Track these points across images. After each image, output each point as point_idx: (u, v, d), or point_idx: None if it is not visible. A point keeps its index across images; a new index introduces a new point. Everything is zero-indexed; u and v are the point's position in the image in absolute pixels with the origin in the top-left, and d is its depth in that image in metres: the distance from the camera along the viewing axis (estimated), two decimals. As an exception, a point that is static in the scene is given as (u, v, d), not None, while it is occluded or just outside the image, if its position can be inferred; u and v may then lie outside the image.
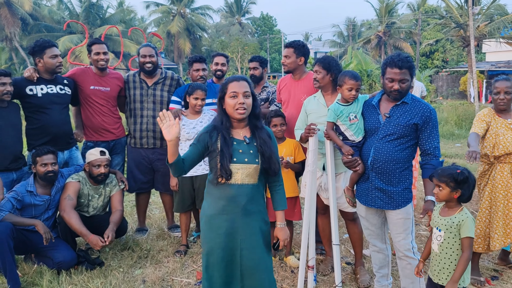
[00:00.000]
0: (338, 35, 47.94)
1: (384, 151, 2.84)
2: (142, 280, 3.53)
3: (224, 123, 2.46)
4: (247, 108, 2.42)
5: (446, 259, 2.47)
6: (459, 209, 2.48)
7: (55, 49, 3.92)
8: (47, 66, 3.88)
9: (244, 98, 2.41)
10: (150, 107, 4.35)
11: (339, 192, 3.39)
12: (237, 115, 2.41)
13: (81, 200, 3.86)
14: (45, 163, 3.60)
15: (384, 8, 37.31)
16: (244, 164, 2.41)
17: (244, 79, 2.49)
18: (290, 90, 3.93)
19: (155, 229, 4.77)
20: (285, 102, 3.98)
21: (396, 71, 2.74)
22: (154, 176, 4.50)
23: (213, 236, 2.45)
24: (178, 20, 37.99)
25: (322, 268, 3.69)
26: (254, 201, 2.47)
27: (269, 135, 2.55)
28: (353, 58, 22.02)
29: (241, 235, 2.44)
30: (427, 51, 35.23)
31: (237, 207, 2.42)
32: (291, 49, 3.84)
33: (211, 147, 2.42)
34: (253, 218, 2.47)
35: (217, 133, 2.45)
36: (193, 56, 4.45)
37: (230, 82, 2.46)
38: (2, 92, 3.54)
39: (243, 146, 2.45)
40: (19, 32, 32.05)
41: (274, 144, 2.58)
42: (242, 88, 2.41)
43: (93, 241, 3.54)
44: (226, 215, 2.43)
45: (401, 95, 2.80)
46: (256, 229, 2.48)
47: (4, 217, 3.34)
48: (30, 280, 3.48)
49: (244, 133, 2.50)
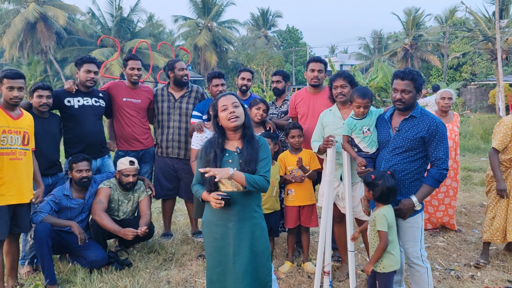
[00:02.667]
0: (364, 48, 47.79)
1: (394, 163, 3.01)
2: (167, 281, 3.75)
3: (218, 138, 2.68)
4: (239, 116, 2.63)
5: (371, 246, 2.99)
6: (380, 207, 2.91)
7: (92, 65, 4.21)
8: (80, 78, 4.20)
9: (234, 107, 2.62)
10: (176, 119, 4.62)
11: (355, 201, 3.54)
12: (231, 124, 2.62)
13: (112, 205, 4.14)
14: (80, 169, 3.90)
15: (411, 20, 37.04)
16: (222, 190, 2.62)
17: (231, 93, 2.74)
18: (309, 104, 4.10)
19: (180, 234, 5.01)
20: (304, 115, 4.15)
21: (399, 81, 2.94)
22: (179, 184, 4.75)
23: (211, 240, 2.67)
24: (205, 34, 38.74)
25: (338, 275, 3.83)
26: (246, 207, 2.65)
27: (258, 146, 2.70)
28: (379, 71, 21.99)
29: (234, 240, 2.62)
30: (455, 64, 34.71)
31: (229, 213, 2.62)
32: (323, 65, 4.12)
33: (207, 159, 2.64)
34: (246, 224, 2.64)
35: (211, 148, 2.67)
36: (212, 72, 4.68)
37: (219, 99, 2.70)
38: (38, 104, 3.83)
39: (234, 157, 2.65)
40: (54, 45, 33.35)
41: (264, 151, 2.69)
42: (230, 100, 2.65)
43: (127, 232, 3.81)
44: (221, 221, 2.64)
45: (405, 105, 2.96)
46: (248, 235, 2.64)
47: (44, 218, 3.65)
48: (65, 278, 3.76)
49: (238, 144, 2.70)
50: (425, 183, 2.96)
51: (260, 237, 2.70)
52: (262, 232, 2.72)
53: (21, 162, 3.39)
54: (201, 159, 2.70)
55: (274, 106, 4.94)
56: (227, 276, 2.64)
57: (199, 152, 2.74)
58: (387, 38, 46.84)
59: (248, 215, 2.67)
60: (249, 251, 2.63)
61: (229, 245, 2.63)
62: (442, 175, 2.92)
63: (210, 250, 2.70)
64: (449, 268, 4.03)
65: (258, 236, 2.69)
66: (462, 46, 33.43)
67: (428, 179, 2.95)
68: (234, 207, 2.62)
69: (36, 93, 3.81)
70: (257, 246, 2.67)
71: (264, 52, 36.37)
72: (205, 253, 2.77)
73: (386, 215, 2.87)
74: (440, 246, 4.62)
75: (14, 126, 3.36)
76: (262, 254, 2.70)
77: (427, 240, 4.77)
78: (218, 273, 2.66)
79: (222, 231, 2.64)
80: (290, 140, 3.94)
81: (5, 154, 3.29)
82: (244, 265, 2.61)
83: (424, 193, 2.94)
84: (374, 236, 2.95)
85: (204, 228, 2.76)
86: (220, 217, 2.65)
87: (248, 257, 2.63)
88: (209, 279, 2.72)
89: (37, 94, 3.81)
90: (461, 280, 3.80)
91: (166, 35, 46.42)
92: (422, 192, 2.93)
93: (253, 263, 2.65)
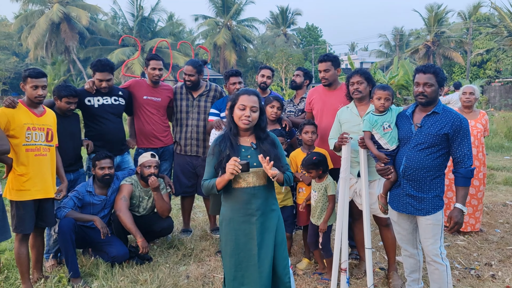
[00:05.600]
0: (385, 45, 47.23)
1: (415, 160, 2.98)
2: (186, 276, 3.82)
3: (232, 130, 2.69)
4: (251, 121, 2.63)
5: (319, 208, 3.66)
6: (325, 177, 3.70)
7: (104, 74, 4.20)
8: (96, 84, 4.26)
9: (250, 111, 2.62)
10: (194, 117, 4.67)
11: (373, 198, 3.54)
12: (241, 125, 2.64)
13: (133, 201, 4.23)
14: (103, 166, 4.00)
15: (433, 17, 36.46)
16: (254, 168, 2.63)
17: (255, 93, 2.69)
18: (325, 100, 4.08)
19: (199, 231, 5.08)
20: (319, 112, 4.10)
21: (421, 75, 2.94)
22: (197, 181, 4.82)
23: (232, 238, 2.65)
24: (225, 32, 38.93)
25: (355, 272, 3.82)
26: (268, 201, 2.70)
27: (273, 141, 2.75)
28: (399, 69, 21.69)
29: (258, 235, 2.63)
30: (479, 61, 33.98)
31: (253, 208, 2.64)
32: (329, 62, 4.00)
33: (223, 154, 2.64)
34: (268, 217, 2.68)
35: (225, 141, 2.67)
36: (229, 70, 4.71)
37: (242, 94, 2.67)
38: (66, 109, 3.95)
39: (251, 152, 2.67)
40: (77, 45, 34.03)
41: (279, 148, 2.77)
42: (250, 103, 2.62)
43: (142, 244, 3.92)
44: (243, 216, 2.64)
45: (427, 99, 2.93)
46: (269, 227, 2.67)
47: (67, 213, 3.76)
48: (87, 271, 3.87)
49: (251, 140, 2.72)
50: (459, 185, 2.92)
51: (280, 228, 2.75)
52: (281, 223, 2.77)
53: (46, 158, 3.49)
54: (214, 155, 2.69)
55: (291, 104, 4.95)
56: (251, 271, 2.64)
57: (212, 148, 2.71)
58: (409, 35, 46.14)
59: (269, 208, 2.71)
60: (271, 243, 2.67)
61: (252, 240, 2.64)
62: (471, 172, 2.90)
63: (232, 248, 2.66)
64: (469, 267, 3.98)
65: (278, 227, 2.73)
66: (486, 43, 32.69)
67: (460, 180, 2.91)
68: (256, 201, 2.65)
69: (65, 99, 3.89)
70: (277, 237, 2.72)
71: (284, 50, 36.26)
72: (223, 251, 2.73)
73: (334, 182, 3.70)
74: (461, 245, 4.56)
75: (38, 123, 3.47)
76: (281, 244, 2.74)
77: (447, 239, 4.72)
78: (242, 269, 2.65)
79: (246, 227, 2.64)
80: (303, 136, 3.91)
81: (30, 150, 3.39)
82: (268, 257, 2.64)
83: (464, 196, 2.90)
84: (322, 200, 3.68)
85: (223, 226, 2.72)
86: (243, 213, 2.64)
87: (271, 249, 2.66)
88: (232, 276, 2.67)
89: (67, 101, 3.91)
90: (481, 279, 3.75)
91: (186, 34, 46.84)
92: (461, 196, 2.90)
93: (278, 254, 2.70)
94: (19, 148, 3.33)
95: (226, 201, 2.73)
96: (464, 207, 2.89)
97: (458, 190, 2.93)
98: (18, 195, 3.35)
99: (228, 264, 2.70)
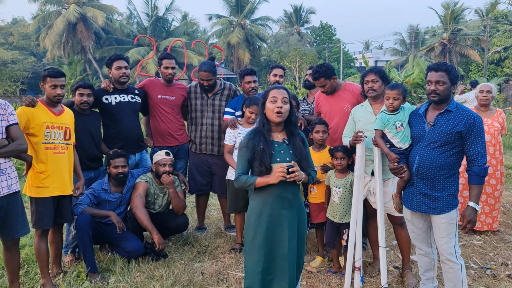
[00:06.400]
0: (400, 43, 46.74)
1: (429, 158, 2.97)
2: (201, 272, 3.87)
3: (265, 126, 2.78)
4: (283, 112, 2.70)
5: (344, 206, 3.66)
6: (347, 172, 3.71)
7: (121, 62, 4.33)
8: (114, 76, 4.35)
9: (282, 103, 2.70)
10: (209, 116, 4.71)
11: (387, 197, 3.54)
12: (275, 118, 2.70)
13: (148, 198, 4.29)
14: (117, 165, 4.06)
15: (449, 14, 35.92)
16: (288, 163, 2.69)
17: (284, 88, 2.79)
18: (331, 102, 4.11)
19: (213, 228, 5.13)
20: (326, 114, 4.14)
21: (433, 73, 2.93)
22: (212, 179, 4.86)
23: (263, 231, 2.71)
24: (238, 31, 38.98)
25: (369, 270, 3.82)
26: (296, 196, 2.79)
27: (303, 140, 2.84)
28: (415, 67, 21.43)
29: (288, 227, 2.71)
30: (496, 58, 33.39)
31: (283, 202, 2.72)
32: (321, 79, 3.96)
33: (256, 148, 2.72)
34: (296, 211, 2.77)
35: (259, 136, 2.75)
36: (244, 69, 4.75)
37: (272, 89, 2.79)
38: (79, 102, 4.01)
39: (284, 147, 2.76)
40: (93, 45, 34.45)
41: (306, 147, 2.86)
42: (281, 94, 2.72)
43: (158, 241, 4.00)
44: (275, 209, 2.71)
45: (439, 97, 2.92)
46: (296, 219, 2.78)
47: (84, 210, 3.84)
48: (105, 266, 3.94)
49: (282, 136, 2.80)
50: (473, 184, 2.91)
51: (304, 220, 2.86)
52: (305, 216, 2.88)
53: (64, 156, 3.57)
54: (248, 148, 2.75)
55: (305, 103, 4.96)
56: (280, 262, 2.71)
57: (245, 141, 2.78)
58: (424, 32, 45.61)
59: (297, 201, 2.80)
60: (296, 233, 2.76)
61: (283, 232, 2.71)
62: (485, 170, 2.88)
63: (261, 240, 2.71)
64: (485, 267, 3.95)
65: (302, 219, 2.84)
66: (504, 40, 32.10)
67: (474, 178, 2.90)
68: (287, 195, 2.73)
69: (77, 92, 3.99)
70: (301, 230, 2.82)
71: (297, 49, 36.16)
72: (250, 244, 2.76)
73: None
74: (476, 244, 4.52)
75: (56, 121, 3.54)
76: (303, 236, 2.85)
77: (463, 239, 4.68)
78: (271, 261, 2.72)
79: (277, 220, 2.72)
80: (314, 135, 3.93)
81: (49, 149, 3.47)
82: (294, 249, 2.74)
83: (478, 194, 2.90)
84: (347, 196, 3.69)
85: (252, 220, 2.76)
86: (275, 206, 2.72)
87: (296, 239, 2.76)
88: (261, 268, 2.70)
89: (79, 93, 3.99)
90: (497, 279, 3.72)
91: (199, 33, 47.02)
92: (475, 195, 2.89)
93: (299, 244, 2.80)
94: (39, 146, 3.41)
95: (257, 195, 2.77)
96: (478, 205, 2.87)
97: (472, 188, 2.92)
98: (37, 192, 3.43)
99: (255, 257, 2.73)
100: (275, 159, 2.71)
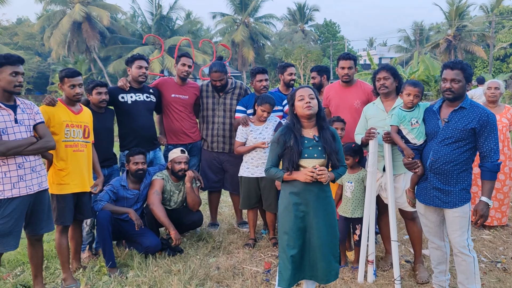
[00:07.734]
0: (404, 40, 46.64)
1: (442, 154, 3.03)
2: (216, 267, 3.95)
3: (296, 125, 2.94)
4: (313, 106, 2.88)
5: (356, 200, 3.75)
6: (359, 168, 3.82)
7: (142, 62, 4.46)
8: (133, 74, 4.45)
9: (310, 99, 2.88)
10: (220, 114, 4.80)
11: (398, 192, 3.61)
12: (306, 112, 2.86)
13: (164, 195, 4.38)
14: (137, 162, 4.16)
15: (454, 10, 35.84)
16: (314, 159, 2.87)
17: (308, 87, 3.01)
18: (341, 97, 4.21)
19: (226, 225, 5.22)
20: (335, 108, 4.24)
21: (449, 71, 2.99)
22: (224, 176, 4.95)
23: (291, 219, 2.89)
24: (242, 29, 39.03)
25: (381, 264, 3.90)
26: (323, 188, 2.93)
27: (333, 135, 2.97)
28: (420, 64, 21.43)
29: (313, 218, 2.88)
30: (502, 54, 33.28)
31: (311, 194, 2.88)
32: (352, 61, 4.18)
33: (287, 144, 2.89)
34: (323, 203, 2.92)
35: (289, 133, 2.92)
36: (256, 67, 4.84)
37: (298, 90, 2.99)
38: (98, 100, 4.11)
39: (313, 144, 2.91)
40: (98, 44, 34.58)
41: (338, 142, 2.99)
42: (307, 92, 2.93)
43: (175, 236, 4.09)
44: (302, 201, 2.89)
45: (454, 95, 2.99)
46: (323, 209, 2.91)
47: (104, 206, 3.94)
48: (123, 262, 4.04)
49: (313, 133, 2.95)
50: (485, 179, 2.98)
51: (331, 211, 2.98)
52: (332, 207, 3.01)
53: (83, 153, 3.66)
54: (279, 144, 2.93)
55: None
56: (309, 250, 2.91)
57: (277, 137, 2.96)
58: (429, 29, 45.48)
59: (322, 194, 2.93)
60: (324, 223, 2.91)
61: (310, 221, 2.89)
62: (498, 166, 2.95)
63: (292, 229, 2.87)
64: (496, 261, 4.02)
65: (330, 210, 2.97)
66: (510, 36, 32.03)
67: (486, 174, 2.96)
68: (315, 186, 2.88)
69: (95, 91, 4.08)
70: (330, 220, 2.95)
71: (302, 46, 36.19)
72: (283, 233, 2.92)
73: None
74: (486, 239, 4.59)
75: (75, 120, 3.64)
76: (333, 227, 2.97)
77: (472, 233, 4.74)
78: (299, 246, 2.89)
79: (305, 209, 2.89)
80: None
81: (69, 147, 3.57)
82: (322, 236, 2.88)
83: (490, 189, 2.97)
84: (359, 190, 3.79)
85: (283, 210, 2.95)
86: (301, 197, 2.89)
87: (325, 229, 2.90)
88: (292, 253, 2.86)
89: (96, 91, 4.08)
90: (508, 272, 3.78)
91: (203, 31, 47.11)
92: (487, 190, 2.96)
93: (329, 235, 2.93)
94: (59, 144, 3.50)
95: (287, 189, 2.96)
96: (490, 200, 2.94)
97: (484, 184, 2.99)
98: (58, 189, 3.53)
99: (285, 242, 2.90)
100: (303, 155, 2.87)
